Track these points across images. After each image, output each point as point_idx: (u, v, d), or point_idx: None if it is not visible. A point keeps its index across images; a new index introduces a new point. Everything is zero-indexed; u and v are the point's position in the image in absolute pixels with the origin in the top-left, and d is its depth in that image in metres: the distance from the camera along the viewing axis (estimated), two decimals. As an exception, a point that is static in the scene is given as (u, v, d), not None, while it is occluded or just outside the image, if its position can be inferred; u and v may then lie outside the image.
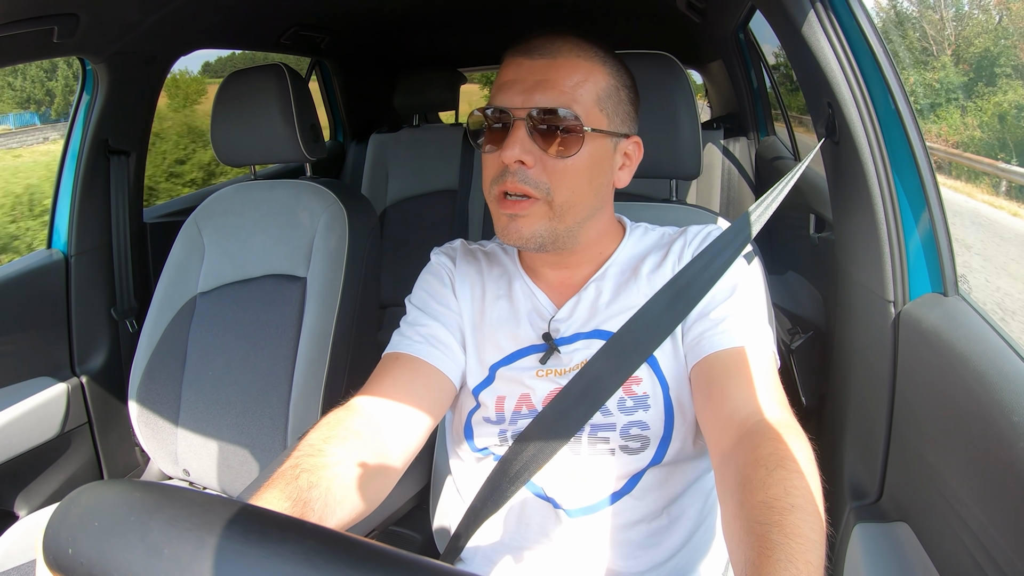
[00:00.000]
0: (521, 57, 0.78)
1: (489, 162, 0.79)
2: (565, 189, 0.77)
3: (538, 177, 0.76)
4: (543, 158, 0.76)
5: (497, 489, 0.81)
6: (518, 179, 0.75)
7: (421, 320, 0.86)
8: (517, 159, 0.75)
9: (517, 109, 0.75)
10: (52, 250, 1.54)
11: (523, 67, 0.77)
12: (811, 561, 0.49)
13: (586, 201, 0.79)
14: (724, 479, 0.63)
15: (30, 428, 1.39)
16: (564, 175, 0.76)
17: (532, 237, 0.78)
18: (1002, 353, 0.68)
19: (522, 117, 0.75)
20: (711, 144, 2.28)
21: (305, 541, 0.35)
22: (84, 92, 1.50)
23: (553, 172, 0.76)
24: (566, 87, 0.76)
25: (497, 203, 0.78)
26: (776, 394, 0.70)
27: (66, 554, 0.36)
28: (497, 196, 0.78)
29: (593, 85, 0.78)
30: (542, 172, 0.76)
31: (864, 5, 0.85)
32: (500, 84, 0.79)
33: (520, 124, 0.75)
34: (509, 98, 0.76)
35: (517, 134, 0.75)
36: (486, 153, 0.79)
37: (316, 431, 0.71)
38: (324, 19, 2.08)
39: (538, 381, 0.82)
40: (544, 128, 0.75)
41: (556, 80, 0.76)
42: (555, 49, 0.77)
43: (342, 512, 0.65)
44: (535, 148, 0.75)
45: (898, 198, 0.86)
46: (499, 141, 0.77)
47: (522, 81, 0.76)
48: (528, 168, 0.75)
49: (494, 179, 0.78)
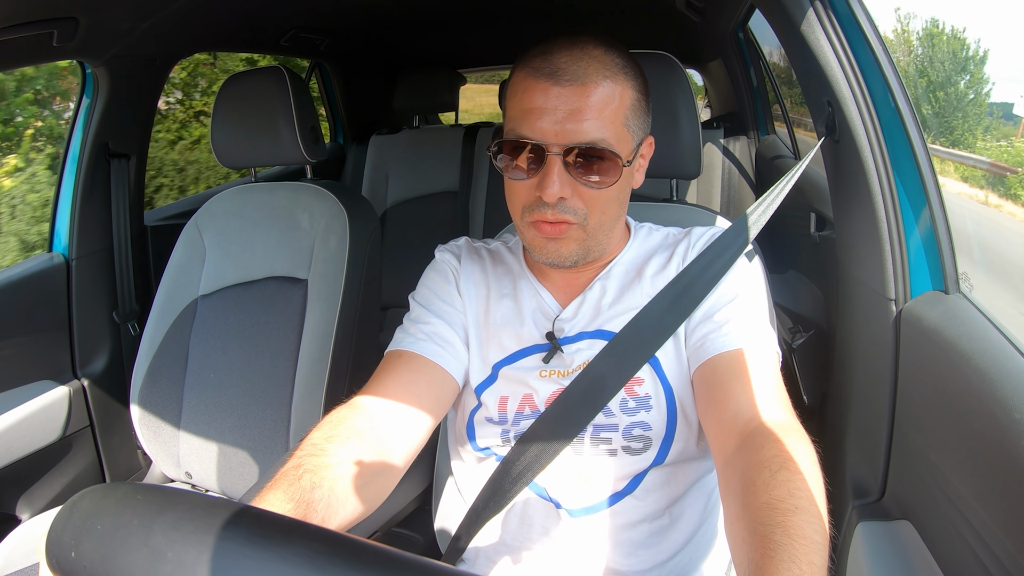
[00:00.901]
0: (547, 82, 0.73)
1: (519, 189, 0.78)
2: (599, 213, 0.78)
3: (575, 206, 0.76)
4: (578, 188, 0.75)
5: (499, 490, 0.81)
6: (558, 211, 0.75)
7: (424, 317, 0.86)
8: (558, 196, 0.74)
9: (552, 144, 0.73)
10: (53, 254, 1.54)
11: (551, 95, 0.73)
12: (814, 562, 0.49)
13: (614, 215, 0.81)
14: (727, 481, 0.64)
15: (32, 432, 1.39)
16: (599, 201, 0.77)
17: (569, 256, 0.79)
18: (1004, 350, 0.67)
19: (557, 152, 0.73)
20: (711, 143, 2.28)
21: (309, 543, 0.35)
22: (84, 95, 1.50)
23: (589, 200, 0.76)
24: (600, 117, 0.73)
25: (533, 228, 0.78)
26: (779, 396, 0.70)
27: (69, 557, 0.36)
28: (531, 222, 0.78)
29: (622, 108, 0.76)
30: (578, 201, 0.76)
31: (864, 4, 0.85)
32: (527, 110, 0.74)
33: (555, 159, 0.73)
34: (541, 130, 0.73)
35: (554, 170, 0.73)
36: (516, 180, 0.78)
37: (319, 430, 0.71)
38: (323, 21, 2.08)
39: (541, 382, 0.82)
40: (580, 163, 0.74)
41: (588, 109, 0.73)
42: (582, 72, 0.73)
43: (345, 512, 0.65)
44: (571, 180, 0.75)
45: (898, 196, 0.86)
46: (530, 170, 0.76)
47: (552, 111, 0.73)
48: (567, 200, 0.75)
49: (527, 207, 0.77)
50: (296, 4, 1.79)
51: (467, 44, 2.78)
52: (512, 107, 0.77)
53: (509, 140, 0.76)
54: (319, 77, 2.79)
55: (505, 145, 0.77)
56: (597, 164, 0.74)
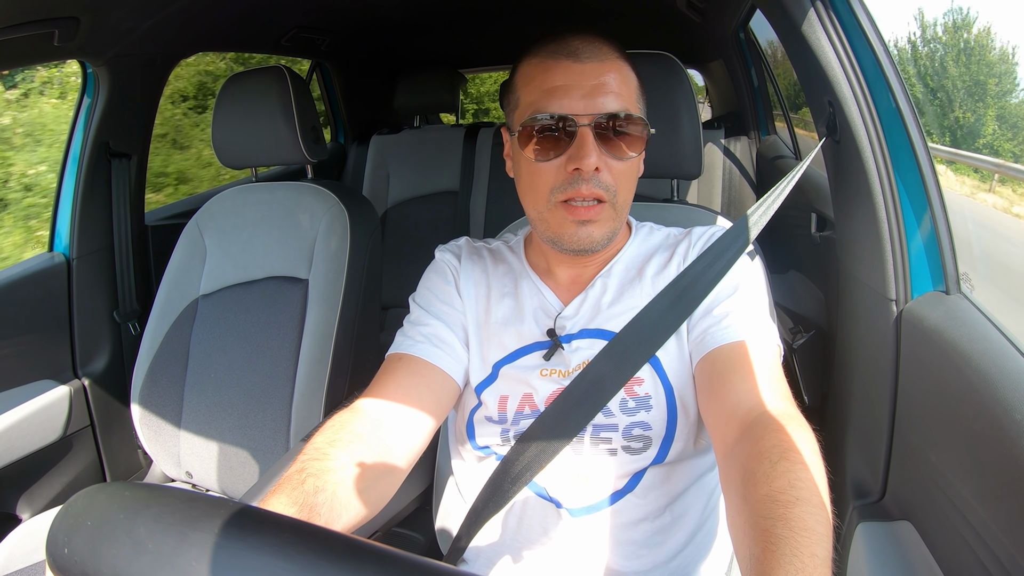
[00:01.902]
0: (568, 60, 0.76)
1: (547, 171, 0.78)
2: (626, 188, 0.79)
3: (607, 181, 0.77)
4: (608, 162, 0.77)
5: (499, 489, 0.81)
6: (593, 185, 0.76)
7: (424, 319, 0.86)
8: (596, 166, 0.75)
9: (582, 116, 0.75)
10: (54, 253, 1.54)
11: (574, 71, 0.76)
12: (817, 554, 0.48)
13: (631, 195, 0.82)
14: (728, 474, 0.63)
15: (32, 431, 1.39)
16: (625, 175, 0.78)
17: (600, 239, 0.79)
18: (1004, 351, 0.67)
19: (588, 124, 0.75)
20: (712, 144, 2.28)
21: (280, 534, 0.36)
22: (85, 95, 1.50)
23: (617, 174, 0.77)
24: (623, 91, 0.77)
25: (562, 210, 0.78)
26: (779, 386, 0.70)
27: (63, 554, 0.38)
28: (559, 203, 0.78)
29: (633, 83, 0.80)
30: (608, 175, 0.77)
31: (864, 4, 0.85)
32: (551, 89, 0.76)
33: (587, 131, 0.75)
34: (570, 104, 0.75)
35: (589, 141, 0.75)
36: (545, 161, 0.77)
37: (321, 434, 0.71)
38: (324, 21, 2.08)
39: (541, 381, 0.82)
40: (610, 133, 0.76)
41: (611, 84, 0.76)
42: (599, 52, 0.77)
43: (348, 515, 0.65)
44: (601, 153, 0.76)
45: (899, 196, 0.86)
46: (558, 148, 0.76)
47: (578, 86, 0.75)
48: (600, 174, 0.76)
49: (557, 188, 0.77)
50: (297, 4, 1.79)
51: (468, 44, 2.78)
52: (530, 91, 0.78)
53: (536, 119, 0.76)
54: (320, 77, 2.79)
55: (529, 127, 0.77)
56: (624, 135, 0.77)
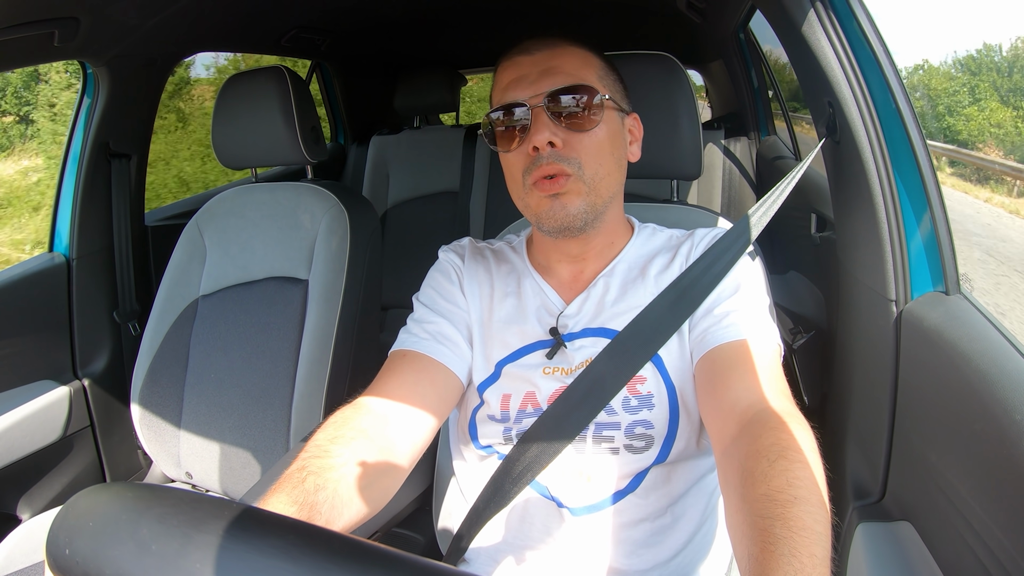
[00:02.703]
0: (519, 56, 0.81)
1: (514, 160, 0.81)
2: (593, 161, 0.79)
3: (568, 154, 0.78)
4: (567, 136, 0.78)
5: (500, 489, 0.81)
6: (552, 158, 0.78)
7: (428, 317, 0.87)
8: (547, 140, 0.77)
9: (533, 98, 0.78)
10: (54, 254, 1.54)
11: (524, 63, 0.81)
12: (815, 554, 0.48)
13: (613, 174, 0.82)
14: (726, 472, 0.63)
15: (32, 431, 1.39)
16: (590, 148, 0.79)
17: (577, 214, 0.79)
18: (1004, 351, 0.67)
19: (539, 104, 0.78)
20: (712, 144, 2.28)
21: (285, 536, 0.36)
22: (85, 95, 1.50)
23: (580, 147, 0.79)
24: (571, 70, 0.80)
25: (534, 189, 0.80)
26: (778, 385, 0.70)
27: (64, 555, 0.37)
28: (531, 186, 0.80)
29: (592, 67, 0.83)
30: (570, 149, 0.78)
31: (864, 4, 0.85)
32: (505, 85, 0.81)
33: (539, 111, 0.78)
34: (519, 92, 0.79)
35: (540, 120, 0.78)
36: (509, 152, 0.81)
37: (323, 431, 0.71)
38: (324, 21, 2.08)
39: (544, 379, 0.82)
40: (563, 107, 0.78)
41: (560, 65, 0.80)
42: (550, 42, 0.82)
43: (350, 513, 0.65)
44: (559, 128, 0.78)
45: (899, 197, 0.86)
46: (520, 135, 0.79)
47: (527, 75, 0.80)
48: (558, 148, 0.78)
49: (525, 170, 0.80)
50: (297, 4, 1.79)
51: (468, 44, 2.78)
52: (494, 94, 0.84)
53: (494, 114, 0.81)
54: (320, 77, 2.79)
55: (491, 124, 0.82)
56: (579, 106, 0.78)
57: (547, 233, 0.83)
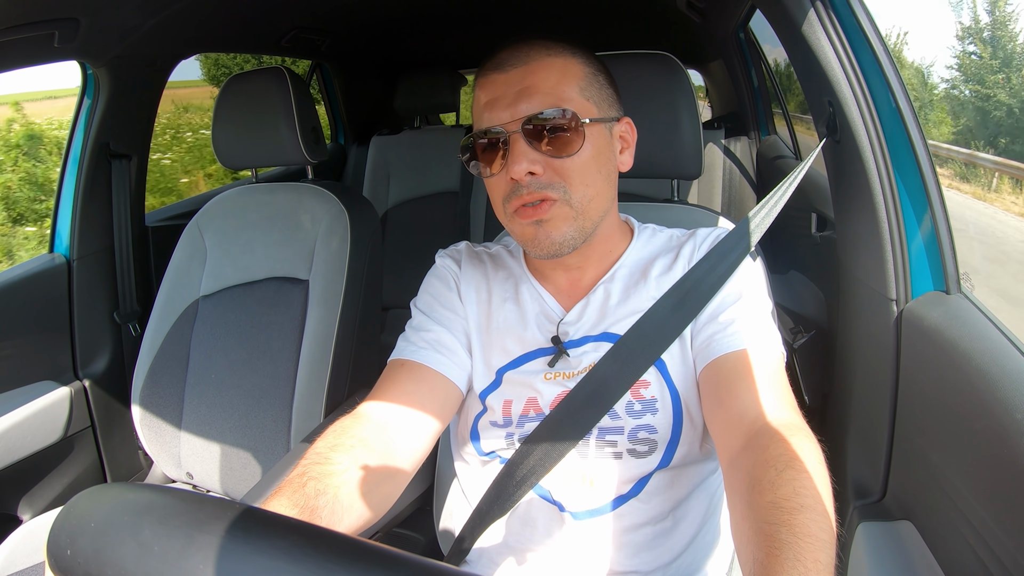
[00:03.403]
0: (494, 73, 0.78)
1: (496, 184, 0.79)
2: (580, 184, 0.76)
3: (551, 180, 0.75)
4: (549, 162, 0.75)
5: (503, 492, 0.81)
6: (533, 188, 0.75)
7: (426, 325, 0.86)
8: (527, 172, 0.74)
9: (508, 123, 0.75)
10: (54, 254, 1.54)
11: (499, 83, 0.77)
12: (820, 560, 0.49)
13: (602, 192, 0.79)
14: (733, 481, 0.63)
15: (33, 432, 1.39)
16: (574, 172, 0.76)
17: (564, 242, 0.77)
18: (1005, 351, 0.67)
19: (516, 130, 0.75)
20: (712, 144, 2.28)
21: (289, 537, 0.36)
22: (85, 96, 1.50)
23: (563, 172, 0.76)
24: (548, 88, 0.76)
25: (517, 216, 0.77)
26: (785, 396, 0.70)
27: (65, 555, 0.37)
28: (513, 211, 0.77)
29: (572, 78, 0.78)
30: (553, 175, 0.75)
31: (864, 4, 0.85)
32: (482, 106, 0.78)
33: (517, 137, 0.75)
34: (496, 116, 0.76)
35: (518, 148, 0.74)
36: (489, 177, 0.79)
37: (323, 439, 0.71)
38: (324, 21, 2.09)
39: (546, 384, 0.82)
40: (542, 133, 0.74)
41: (536, 84, 0.75)
42: (524, 56, 0.77)
43: (350, 519, 0.65)
44: (539, 155, 0.75)
45: (900, 196, 0.85)
46: (499, 161, 0.76)
47: (503, 96, 0.76)
48: (540, 176, 0.75)
49: (506, 197, 0.77)
50: (297, 4, 1.79)
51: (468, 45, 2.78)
52: (474, 112, 0.81)
53: (473, 139, 0.78)
54: (320, 78, 2.79)
55: (472, 148, 0.79)
56: (558, 131, 0.75)
57: (537, 257, 0.81)
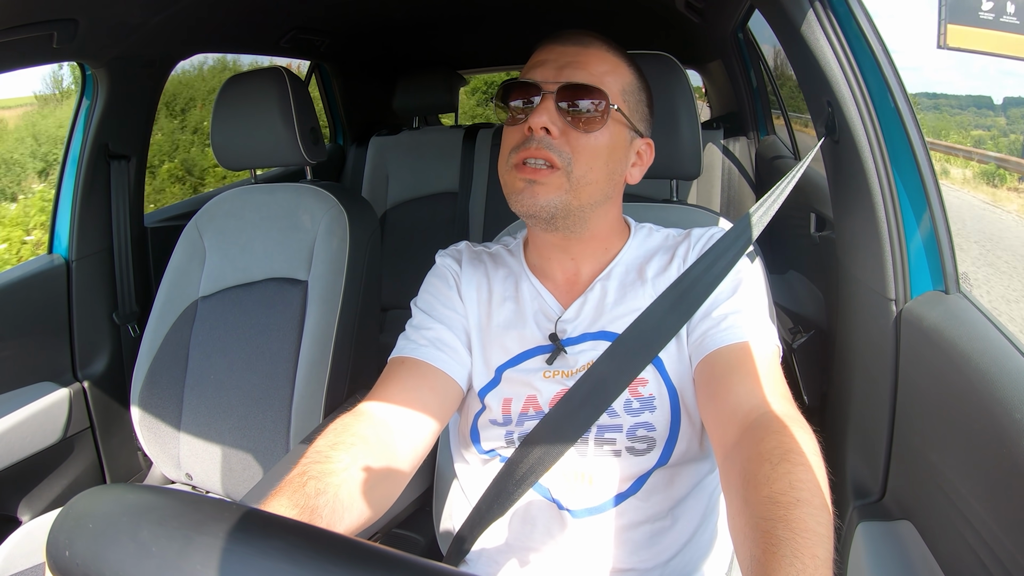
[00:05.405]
0: (553, 43, 0.82)
1: (511, 133, 0.81)
2: (583, 163, 0.78)
3: (561, 147, 0.78)
4: (567, 130, 0.78)
5: (503, 492, 0.81)
6: (542, 145, 0.77)
7: (426, 324, 0.86)
8: (543, 125, 0.77)
9: (548, 83, 0.78)
10: (53, 255, 1.54)
11: (555, 50, 0.81)
12: (818, 555, 0.48)
13: (600, 182, 0.81)
14: (728, 475, 0.63)
15: (32, 433, 1.39)
16: (585, 149, 0.78)
17: (546, 206, 0.78)
18: (1004, 350, 0.67)
19: (551, 91, 0.78)
20: (711, 144, 2.28)
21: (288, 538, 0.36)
22: (84, 97, 1.50)
23: (575, 145, 0.78)
24: (596, 71, 0.80)
25: (515, 170, 0.79)
26: (779, 388, 0.70)
27: (64, 556, 0.37)
28: (516, 163, 0.79)
29: (619, 77, 0.82)
30: (565, 143, 0.78)
31: (863, 4, 0.85)
32: (531, 65, 0.82)
33: (549, 97, 0.78)
34: (540, 73, 0.80)
35: (546, 104, 0.78)
36: (510, 125, 0.81)
37: (323, 438, 0.71)
38: (323, 22, 2.08)
39: (544, 382, 0.82)
40: (572, 102, 0.78)
41: (587, 63, 0.80)
42: (586, 40, 0.82)
43: (350, 518, 0.65)
44: (560, 120, 0.78)
45: (898, 196, 0.86)
46: (523, 113, 0.80)
47: (554, 61, 0.80)
48: (553, 138, 0.77)
49: (515, 147, 0.79)
50: (296, 5, 1.79)
51: (467, 45, 2.78)
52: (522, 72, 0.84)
53: (508, 84, 0.81)
54: (319, 78, 2.79)
55: (504, 89, 0.82)
56: (587, 108, 0.78)
57: (518, 214, 0.82)
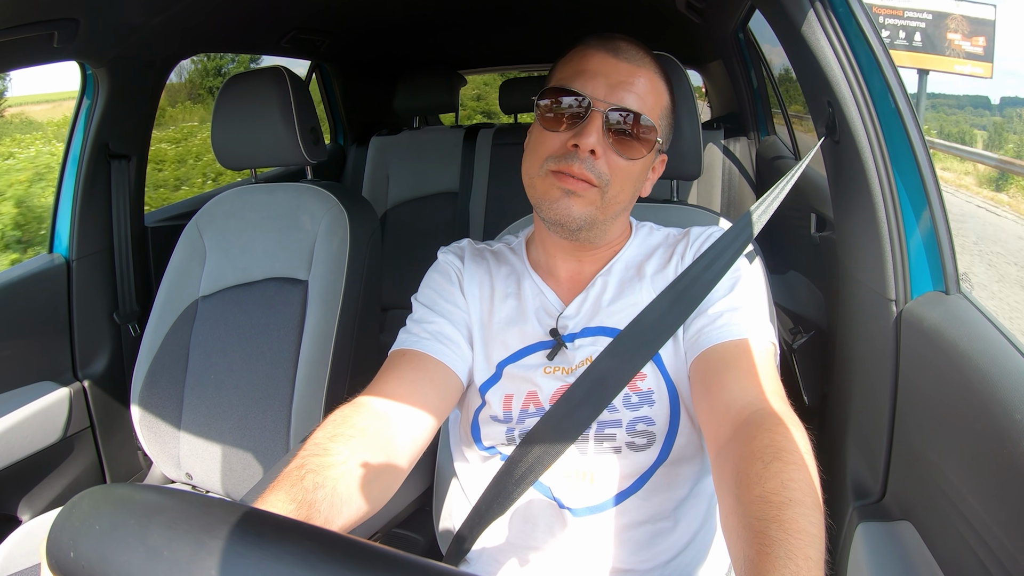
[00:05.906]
0: (606, 53, 0.81)
1: (550, 139, 0.80)
2: (618, 184, 0.80)
3: (602, 169, 0.79)
4: (608, 153, 0.78)
5: (503, 491, 0.81)
6: (585, 167, 0.78)
7: (428, 317, 0.86)
8: (592, 148, 0.77)
9: (599, 101, 0.78)
10: (54, 255, 1.54)
11: (608, 63, 0.80)
12: (811, 556, 0.49)
13: (625, 200, 0.83)
14: (721, 473, 0.63)
15: (32, 433, 1.39)
16: (622, 172, 0.80)
17: (580, 217, 0.80)
18: (1004, 351, 0.67)
19: (601, 110, 0.78)
20: (712, 144, 2.28)
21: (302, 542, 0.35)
22: (84, 96, 1.50)
23: (614, 166, 0.79)
24: (648, 100, 0.80)
25: (552, 177, 0.79)
26: (773, 385, 0.70)
27: (68, 557, 0.36)
28: (550, 171, 0.79)
29: (662, 105, 0.84)
30: (604, 164, 0.79)
31: (863, 4, 0.85)
32: (580, 71, 0.80)
33: (598, 116, 0.78)
34: (593, 87, 0.79)
35: (596, 123, 0.78)
36: (550, 129, 0.80)
37: (322, 429, 0.71)
38: (324, 22, 2.08)
39: (545, 379, 0.82)
40: (620, 127, 0.78)
41: (640, 88, 0.80)
42: (639, 57, 0.82)
43: (349, 512, 0.65)
44: (605, 142, 0.78)
45: (899, 196, 0.86)
46: (567, 123, 0.79)
47: (607, 76, 0.79)
48: (596, 159, 0.78)
49: (553, 157, 0.79)
50: (296, 5, 1.79)
51: (467, 45, 2.78)
52: (564, 69, 0.83)
53: (558, 88, 0.80)
54: (319, 78, 2.79)
55: (551, 93, 0.80)
56: (633, 135, 0.79)
57: (543, 221, 0.83)
